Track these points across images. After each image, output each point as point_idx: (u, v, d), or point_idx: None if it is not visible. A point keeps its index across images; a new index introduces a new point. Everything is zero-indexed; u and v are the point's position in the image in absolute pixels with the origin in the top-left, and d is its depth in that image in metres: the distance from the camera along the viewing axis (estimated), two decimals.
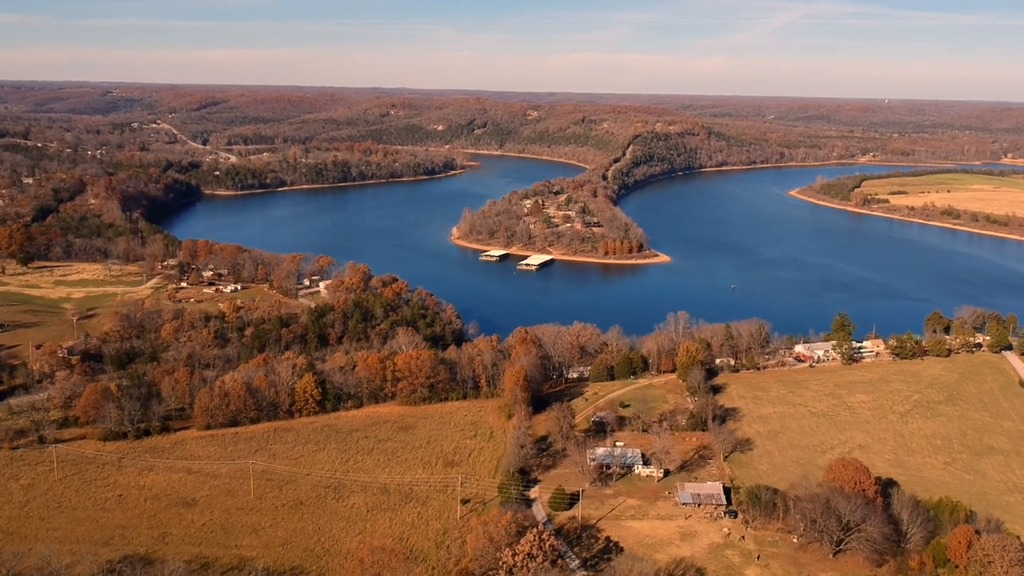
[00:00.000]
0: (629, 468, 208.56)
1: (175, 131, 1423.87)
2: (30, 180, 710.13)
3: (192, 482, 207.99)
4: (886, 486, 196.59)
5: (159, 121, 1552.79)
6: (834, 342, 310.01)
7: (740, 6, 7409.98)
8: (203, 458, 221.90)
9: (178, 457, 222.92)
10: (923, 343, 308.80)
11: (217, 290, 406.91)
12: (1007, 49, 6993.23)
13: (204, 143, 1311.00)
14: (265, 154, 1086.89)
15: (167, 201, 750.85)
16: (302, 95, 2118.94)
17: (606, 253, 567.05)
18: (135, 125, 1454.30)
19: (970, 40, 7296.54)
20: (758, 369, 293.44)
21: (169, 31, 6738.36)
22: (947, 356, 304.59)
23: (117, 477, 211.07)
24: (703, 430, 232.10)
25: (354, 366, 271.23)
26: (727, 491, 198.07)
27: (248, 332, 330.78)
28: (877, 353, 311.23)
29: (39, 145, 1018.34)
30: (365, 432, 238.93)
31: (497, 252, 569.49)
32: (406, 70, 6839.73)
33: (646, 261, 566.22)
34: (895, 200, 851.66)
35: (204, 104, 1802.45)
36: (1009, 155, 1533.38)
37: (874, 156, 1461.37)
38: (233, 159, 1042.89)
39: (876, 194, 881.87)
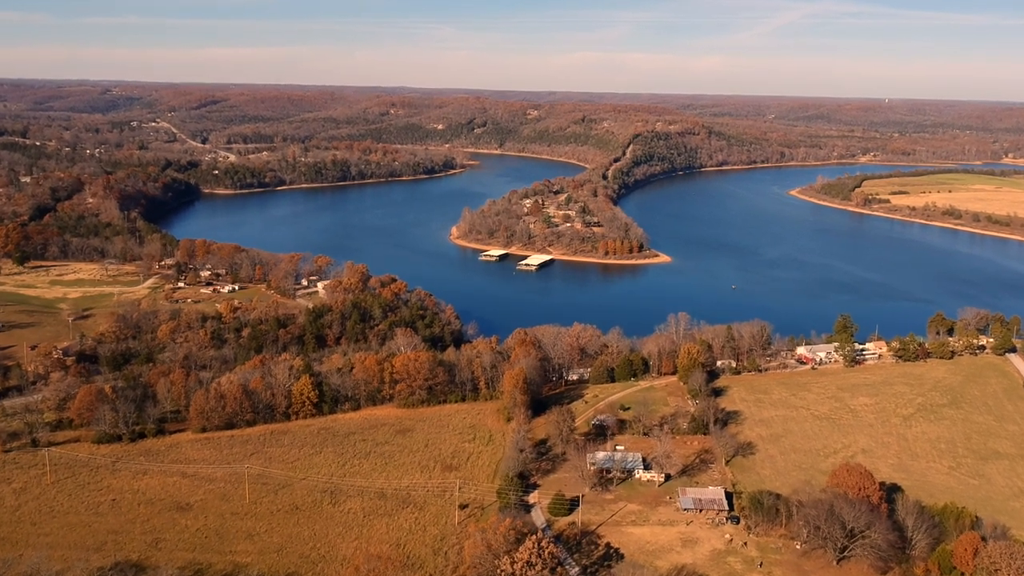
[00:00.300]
0: (630, 472, 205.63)
1: (174, 130, 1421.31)
2: (28, 179, 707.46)
3: (187, 486, 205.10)
4: (890, 491, 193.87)
5: (158, 120, 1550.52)
6: (836, 344, 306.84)
7: (741, 6, 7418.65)
8: (198, 461, 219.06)
9: (173, 460, 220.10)
10: (926, 345, 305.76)
11: (215, 290, 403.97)
12: (1008, 49, 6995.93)
13: (203, 142, 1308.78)
14: (264, 153, 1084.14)
15: (165, 200, 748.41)
16: (302, 94, 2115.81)
17: (606, 253, 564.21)
18: (134, 124, 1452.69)
19: (971, 40, 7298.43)
20: (760, 371, 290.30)
21: (169, 29, 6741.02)
22: (950, 358, 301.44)
23: (111, 481, 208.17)
24: (704, 434, 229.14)
25: (351, 368, 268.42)
26: (729, 496, 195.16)
27: (245, 333, 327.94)
28: (880, 355, 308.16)
29: (37, 144, 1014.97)
30: (362, 435, 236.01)
31: (497, 252, 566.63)
32: (406, 69, 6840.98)
33: (646, 261, 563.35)
34: (896, 200, 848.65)
35: (204, 103, 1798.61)
36: (1010, 155, 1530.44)
37: (875, 156, 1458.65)
38: (232, 158, 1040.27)
39: (877, 194, 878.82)
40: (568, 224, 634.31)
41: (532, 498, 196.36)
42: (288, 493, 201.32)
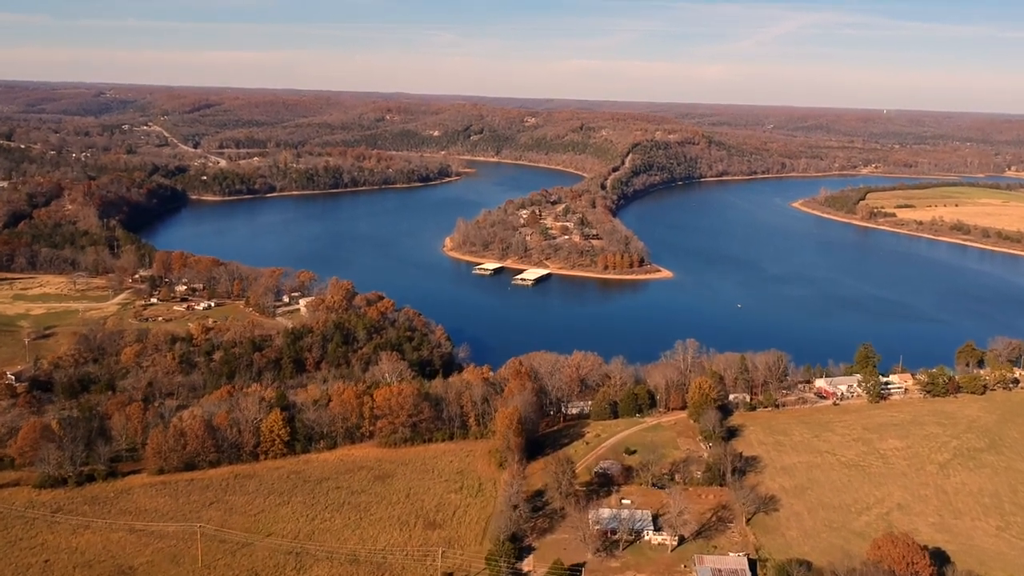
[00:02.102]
0: (638, 534, 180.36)
1: (166, 134, 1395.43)
2: (5, 184, 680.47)
3: (132, 544, 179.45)
4: (935, 557, 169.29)
5: (150, 123, 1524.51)
6: (859, 376, 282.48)
7: (740, 15, 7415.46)
8: (149, 512, 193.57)
9: (121, 511, 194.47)
10: (956, 379, 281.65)
11: (189, 307, 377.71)
12: (1006, 61, 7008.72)
13: (195, 146, 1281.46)
14: (255, 159, 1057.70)
15: (150, 207, 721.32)
16: (298, 98, 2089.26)
17: (606, 267, 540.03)
18: (126, 127, 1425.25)
19: (969, 51, 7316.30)
20: (777, 407, 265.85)
21: (168, 32, 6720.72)
22: (983, 393, 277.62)
23: (47, 536, 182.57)
24: (721, 485, 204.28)
25: (328, 401, 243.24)
26: (752, 564, 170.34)
27: (217, 356, 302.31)
28: (905, 389, 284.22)
29: (22, 147, 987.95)
30: (337, 481, 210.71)
31: (491, 266, 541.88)
32: (404, 75, 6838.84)
33: (647, 276, 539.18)
34: (902, 214, 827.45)
35: (197, 106, 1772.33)
36: (1013, 168, 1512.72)
37: (876, 167, 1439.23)
38: (223, 163, 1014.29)
39: (882, 207, 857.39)
40: (566, 236, 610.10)
41: (526, 565, 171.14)
42: (247, 555, 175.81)
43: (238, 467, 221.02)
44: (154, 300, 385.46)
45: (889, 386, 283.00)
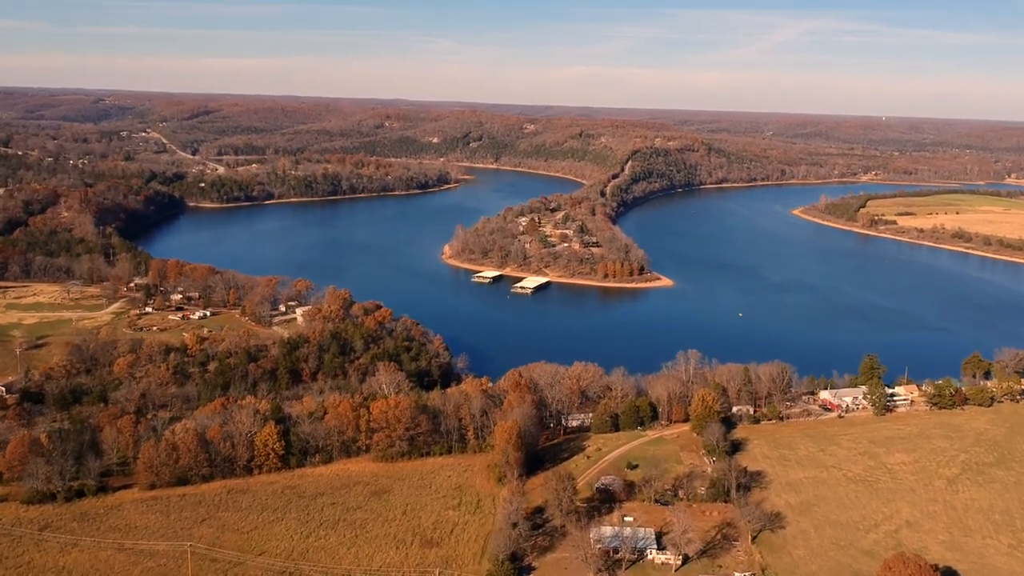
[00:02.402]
0: (641, 553, 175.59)
1: (164, 140, 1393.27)
2: (1, 190, 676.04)
3: (121, 563, 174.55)
4: None
5: (149, 130, 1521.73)
6: (864, 387, 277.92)
7: (740, 22, 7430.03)
8: (140, 529, 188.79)
9: (110, 528, 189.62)
10: (964, 390, 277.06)
11: (184, 316, 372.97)
12: (1005, 68, 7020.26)
13: (194, 153, 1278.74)
14: (254, 165, 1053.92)
15: (147, 214, 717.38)
16: (296, 105, 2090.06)
17: (605, 276, 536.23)
18: (124, 134, 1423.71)
19: (968, 59, 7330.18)
20: (781, 420, 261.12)
21: (168, 39, 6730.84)
22: (990, 406, 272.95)
23: (33, 555, 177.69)
24: (725, 501, 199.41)
25: (324, 413, 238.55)
26: None
27: (212, 367, 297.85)
28: (911, 400, 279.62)
29: (19, 153, 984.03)
30: (332, 496, 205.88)
31: (490, 274, 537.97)
32: (403, 81, 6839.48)
33: (647, 285, 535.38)
34: (903, 221, 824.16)
35: (196, 113, 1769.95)
36: (1013, 175, 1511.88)
37: (876, 174, 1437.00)
38: (221, 170, 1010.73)
39: (883, 215, 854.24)
40: (565, 244, 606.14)
41: None
42: (239, 575, 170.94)
43: (231, 482, 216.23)
44: (149, 309, 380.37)
45: (895, 398, 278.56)
